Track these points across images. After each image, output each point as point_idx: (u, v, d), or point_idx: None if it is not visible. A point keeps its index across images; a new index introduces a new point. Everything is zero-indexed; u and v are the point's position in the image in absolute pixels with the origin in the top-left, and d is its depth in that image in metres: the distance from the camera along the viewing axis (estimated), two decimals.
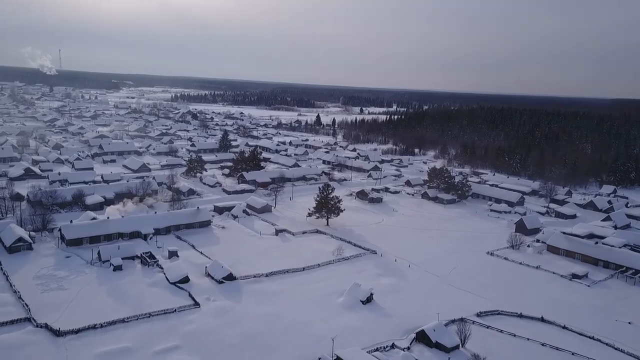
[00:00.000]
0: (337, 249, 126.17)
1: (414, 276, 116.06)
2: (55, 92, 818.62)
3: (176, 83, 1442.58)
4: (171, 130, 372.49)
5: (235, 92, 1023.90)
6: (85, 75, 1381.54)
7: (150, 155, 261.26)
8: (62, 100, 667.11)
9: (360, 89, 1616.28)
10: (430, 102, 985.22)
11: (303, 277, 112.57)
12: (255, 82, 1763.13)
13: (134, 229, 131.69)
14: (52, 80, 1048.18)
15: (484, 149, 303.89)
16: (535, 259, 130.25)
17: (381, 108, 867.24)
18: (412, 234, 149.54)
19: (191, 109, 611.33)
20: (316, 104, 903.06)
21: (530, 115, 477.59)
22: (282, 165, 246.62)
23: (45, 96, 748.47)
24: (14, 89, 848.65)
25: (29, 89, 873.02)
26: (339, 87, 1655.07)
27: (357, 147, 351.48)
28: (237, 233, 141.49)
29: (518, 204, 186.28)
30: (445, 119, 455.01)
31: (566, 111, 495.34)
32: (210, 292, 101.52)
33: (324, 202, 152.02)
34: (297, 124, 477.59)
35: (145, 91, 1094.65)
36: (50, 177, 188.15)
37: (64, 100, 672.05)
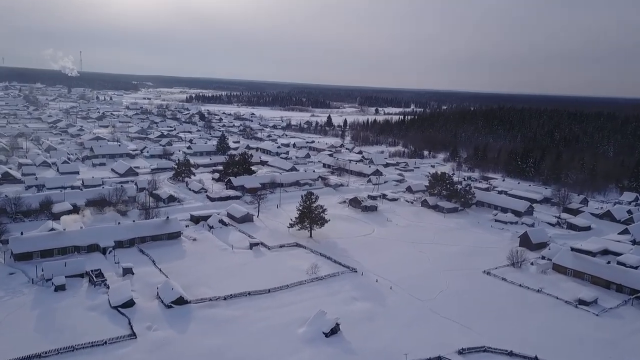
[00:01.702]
0: (312, 267, 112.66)
1: (393, 300, 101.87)
2: (72, 94, 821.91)
3: (195, 84, 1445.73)
4: (174, 131, 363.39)
5: (252, 93, 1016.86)
6: (106, 76, 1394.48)
7: (143, 158, 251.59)
8: (76, 101, 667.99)
9: (379, 89, 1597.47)
10: (449, 102, 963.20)
11: (266, 301, 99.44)
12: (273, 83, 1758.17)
13: (92, 241, 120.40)
14: (73, 81, 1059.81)
15: (497, 152, 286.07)
16: (537, 280, 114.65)
17: (398, 108, 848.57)
18: (403, 248, 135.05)
19: (203, 109, 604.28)
20: (332, 104, 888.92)
21: (550, 116, 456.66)
22: (279, 169, 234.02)
23: (62, 97, 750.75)
24: (33, 90, 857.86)
25: (47, 91, 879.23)
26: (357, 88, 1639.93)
27: (364, 149, 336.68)
28: (208, 246, 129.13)
29: (526, 213, 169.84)
30: (460, 119, 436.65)
31: (589, 111, 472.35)
32: (155, 319, 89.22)
33: (307, 212, 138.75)
34: (307, 125, 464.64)
35: (162, 92, 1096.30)
36: (26, 181, 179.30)
37: (78, 101, 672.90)
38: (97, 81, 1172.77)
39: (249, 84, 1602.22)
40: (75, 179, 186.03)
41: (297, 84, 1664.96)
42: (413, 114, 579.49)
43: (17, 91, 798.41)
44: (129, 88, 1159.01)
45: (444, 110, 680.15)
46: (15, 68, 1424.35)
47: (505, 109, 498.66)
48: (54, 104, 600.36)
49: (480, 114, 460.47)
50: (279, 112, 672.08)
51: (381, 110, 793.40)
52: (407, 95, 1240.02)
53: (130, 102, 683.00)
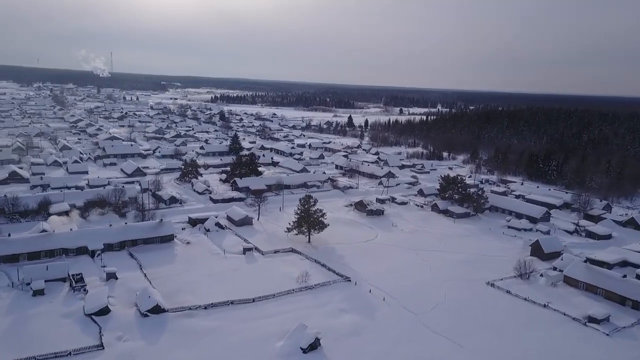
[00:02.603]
0: (302, 275, 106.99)
1: (384, 313, 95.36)
2: (101, 94, 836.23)
3: (222, 85, 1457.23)
4: (191, 131, 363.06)
5: (277, 93, 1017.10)
6: (135, 77, 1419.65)
7: (155, 158, 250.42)
8: (103, 101, 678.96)
9: (406, 89, 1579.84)
10: (478, 102, 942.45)
11: (249, 311, 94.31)
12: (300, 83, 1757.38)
13: (81, 244, 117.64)
14: (103, 82, 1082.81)
15: (519, 154, 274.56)
16: (545, 294, 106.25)
17: (424, 109, 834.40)
18: (404, 255, 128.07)
19: (226, 110, 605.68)
20: (356, 104, 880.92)
21: (580, 117, 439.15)
22: (290, 170, 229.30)
23: (90, 97, 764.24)
24: (63, 90, 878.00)
25: (78, 91, 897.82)
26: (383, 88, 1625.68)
27: (383, 150, 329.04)
28: (201, 250, 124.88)
29: (542, 219, 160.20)
30: (483, 120, 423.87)
31: (623, 112, 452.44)
32: (128, 328, 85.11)
33: (305, 216, 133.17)
34: (327, 126, 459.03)
35: (189, 92, 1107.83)
36: (31, 181, 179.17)
37: (105, 101, 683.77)
38: (127, 82, 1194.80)
39: (276, 84, 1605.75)
40: (81, 179, 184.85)
41: (324, 84, 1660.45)
42: (437, 115, 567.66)
43: (49, 91, 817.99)
44: (157, 88, 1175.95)
45: (469, 110, 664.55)
46: (50, 69, 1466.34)
47: (533, 109, 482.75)
48: (81, 104, 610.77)
49: (506, 115, 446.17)
50: (302, 113, 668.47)
51: (406, 110, 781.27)
52: (435, 95, 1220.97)
53: (155, 102, 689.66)
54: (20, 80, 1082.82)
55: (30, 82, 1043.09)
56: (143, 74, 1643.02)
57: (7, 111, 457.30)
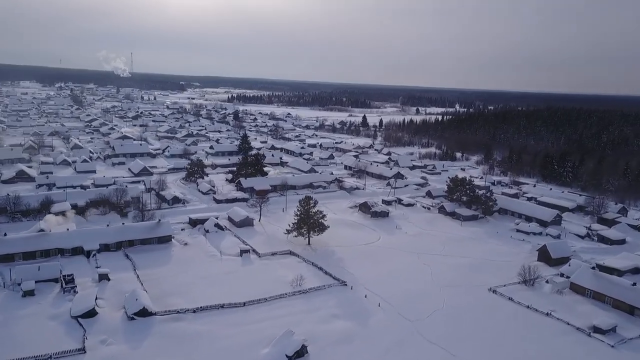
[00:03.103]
0: (297, 279, 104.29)
1: (378, 320, 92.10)
2: (120, 94, 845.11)
3: (240, 84, 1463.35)
4: (203, 131, 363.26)
5: (294, 93, 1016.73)
6: (155, 77, 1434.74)
7: (164, 157, 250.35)
8: (121, 101, 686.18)
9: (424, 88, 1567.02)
10: (497, 102, 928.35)
11: (239, 315, 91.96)
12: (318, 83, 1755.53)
13: (77, 244, 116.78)
14: (123, 82, 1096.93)
15: (534, 155, 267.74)
16: (550, 301, 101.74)
17: (441, 108, 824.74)
18: (406, 259, 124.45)
19: (241, 109, 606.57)
20: (372, 104, 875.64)
21: (601, 117, 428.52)
22: (298, 170, 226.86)
23: (109, 97, 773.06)
24: (84, 90, 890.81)
25: (98, 91, 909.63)
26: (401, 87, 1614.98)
27: (396, 150, 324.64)
28: (197, 252, 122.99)
29: (553, 223, 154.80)
30: (500, 120, 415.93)
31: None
32: (113, 332, 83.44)
33: (305, 218, 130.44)
34: (341, 126, 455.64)
35: (207, 92, 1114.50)
36: (37, 180, 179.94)
37: (123, 101, 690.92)
38: (146, 82, 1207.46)
39: (294, 84, 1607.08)
40: (87, 178, 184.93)
41: (342, 84, 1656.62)
42: (454, 114, 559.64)
43: (69, 91, 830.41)
44: (175, 88, 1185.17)
45: (488, 110, 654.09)
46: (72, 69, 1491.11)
47: (552, 109, 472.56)
48: (99, 104, 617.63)
49: (523, 114, 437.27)
50: (317, 112, 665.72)
51: (423, 110, 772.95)
52: (453, 95, 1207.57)
53: (171, 102, 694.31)
54: (42, 81, 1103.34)
55: (53, 82, 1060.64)
56: (163, 74, 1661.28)
57: (26, 110, 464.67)
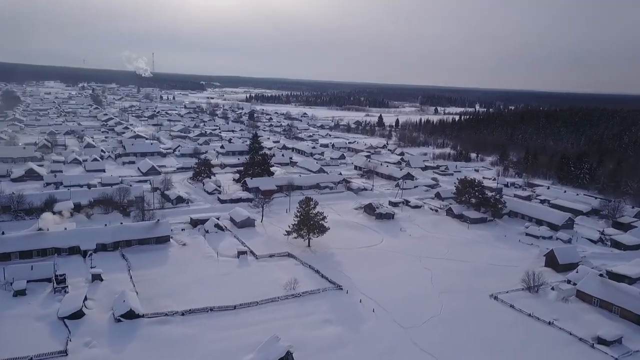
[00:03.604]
0: (291, 282, 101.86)
1: (371, 326, 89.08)
2: (140, 93, 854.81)
3: (260, 84, 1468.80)
4: (217, 130, 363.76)
5: (312, 93, 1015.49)
6: (176, 77, 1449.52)
7: (174, 157, 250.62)
8: (140, 100, 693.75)
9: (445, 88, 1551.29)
10: (518, 102, 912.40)
11: (228, 319, 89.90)
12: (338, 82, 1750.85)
13: (73, 244, 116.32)
14: (144, 82, 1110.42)
15: (550, 156, 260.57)
16: (554, 309, 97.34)
17: (461, 108, 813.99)
18: (407, 262, 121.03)
19: (258, 109, 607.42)
20: (391, 104, 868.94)
21: (624, 117, 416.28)
22: (307, 170, 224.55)
23: (129, 97, 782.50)
24: (105, 90, 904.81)
25: (119, 90, 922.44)
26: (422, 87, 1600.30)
27: (410, 150, 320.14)
28: (195, 253, 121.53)
29: (565, 227, 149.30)
30: (518, 120, 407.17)
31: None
32: (99, 334, 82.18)
33: (304, 219, 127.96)
34: (356, 125, 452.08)
35: (227, 92, 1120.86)
36: (45, 178, 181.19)
37: (142, 100, 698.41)
38: (167, 81, 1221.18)
39: (313, 84, 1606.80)
40: (94, 177, 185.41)
41: (361, 84, 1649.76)
42: (473, 114, 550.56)
43: (91, 91, 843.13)
44: (195, 88, 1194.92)
45: (508, 110, 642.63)
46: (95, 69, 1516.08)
47: (574, 109, 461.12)
48: (119, 103, 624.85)
49: (543, 114, 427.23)
50: (334, 112, 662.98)
51: (442, 110, 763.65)
52: (474, 94, 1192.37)
53: (189, 101, 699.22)
54: (66, 81, 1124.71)
55: (76, 82, 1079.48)
56: (184, 74, 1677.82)
57: (46, 110, 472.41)
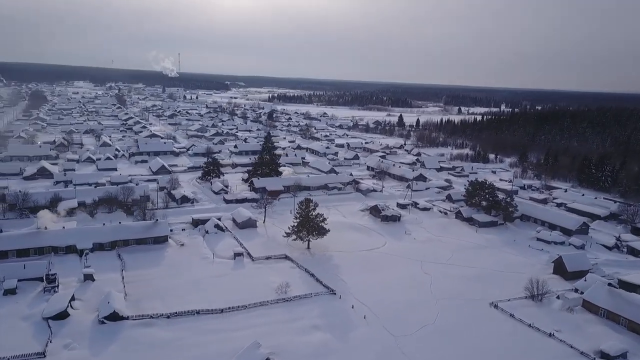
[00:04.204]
0: (282, 286, 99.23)
1: (361, 333, 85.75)
2: (165, 93, 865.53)
3: (285, 84, 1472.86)
4: (234, 130, 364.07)
5: (335, 92, 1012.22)
6: (202, 77, 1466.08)
7: (187, 156, 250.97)
8: (164, 100, 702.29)
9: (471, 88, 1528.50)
10: (547, 102, 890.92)
11: (214, 322, 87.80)
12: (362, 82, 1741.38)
13: (70, 243, 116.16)
14: (170, 82, 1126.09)
15: (572, 158, 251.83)
16: (557, 320, 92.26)
17: (486, 108, 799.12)
18: (407, 267, 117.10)
19: (279, 108, 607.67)
20: (414, 103, 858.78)
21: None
22: (318, 171, 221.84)
23: (154, 96, 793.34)
24: (131, 89, 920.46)
25: (145, 90, 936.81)
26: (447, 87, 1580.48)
27: (428, 151, 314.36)
28: (191, 254, 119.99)
29: (578, 232, 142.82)
30: (542, 120, 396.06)
31: None
32: (80, 336, 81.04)
33: (304, 221, 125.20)
34: (375, 125, 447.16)
35: (250, 92, 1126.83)
36: (55, 177, 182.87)
37: (166, 99, 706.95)
38: (193, 81, 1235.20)
39: (338, 83, 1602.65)
40: (103, 176, 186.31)
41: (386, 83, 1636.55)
42: (498, 115, 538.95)
43: (117, 90, 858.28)
44: (220, 88, 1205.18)
45: (535, 110, 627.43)
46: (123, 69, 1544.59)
47: (602, 110, 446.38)
48: (143, 103, 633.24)
49: (568, 115, 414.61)
50: (355, 112, 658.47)
51: (465, 110, 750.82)
52: (501, 94, 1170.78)
53: (211, 101, 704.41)
54: (95, 81, 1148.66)
55: (104, 82, 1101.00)
56: (210, 74, 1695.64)
57: (70, 109, 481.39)
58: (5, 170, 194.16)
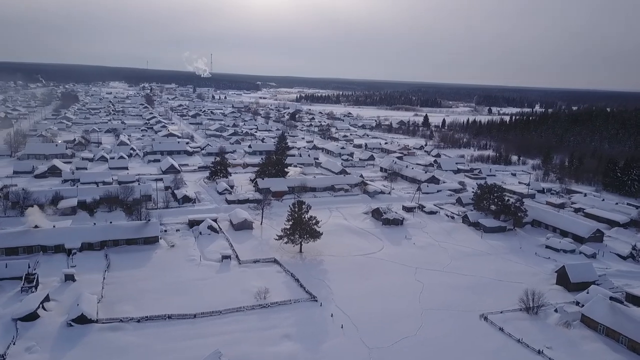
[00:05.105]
0: (261, 292, 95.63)
1: (334, 344, 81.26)
2: (195, 93, 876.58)
3: (315, 84, 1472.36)
4: (253, 129, 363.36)
5: (363, 92, 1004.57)
6: (234, 77, 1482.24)
7: (201, 156, 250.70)
8: (193, 99, 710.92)
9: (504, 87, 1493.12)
10: (584, 102, 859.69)
11: (185, 328, 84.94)
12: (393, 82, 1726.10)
13: (59, 242, 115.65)
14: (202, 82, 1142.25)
15: (598, 160, 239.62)
16: (551, 335, 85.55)
17: (519, 108, 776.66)
18: (400, 274, 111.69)
19: (305, 108, 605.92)
20: (444, 103, 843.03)
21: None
22: (329, 171, 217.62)
23: (183, 96, 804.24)
24: (163, 89, 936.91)
25: (176, 90, 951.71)
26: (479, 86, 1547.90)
27: (447, 152, 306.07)
28: (179, 255, 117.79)
29: (592, 239, 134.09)
30: (572, 121, 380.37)
31: None
32: (45, 338, 79.48)
33: (296, 224, 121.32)
34: (399, 125, 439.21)
35: (280, 92, 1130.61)
36: (63, 175, 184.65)
37: (195, 99, 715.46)
38: (224, 81, 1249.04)
39: (369, 83, 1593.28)
40: (103, 176, 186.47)
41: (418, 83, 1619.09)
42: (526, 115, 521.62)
43: (149, 90, 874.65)
44: (251, 88, 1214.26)
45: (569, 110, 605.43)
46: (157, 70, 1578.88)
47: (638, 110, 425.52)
48: (171, 102, 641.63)
49: (600, 115, 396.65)
50: (382, 112, 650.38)
51: (497, 110, 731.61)
52: (535, 94, 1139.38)
53: (238, 101, 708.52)
54: (130, 81, 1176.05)
55: (138, 82, 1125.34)
56: (241, 74, 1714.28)
57: (99, 109, 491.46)
58: (18, 168, 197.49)
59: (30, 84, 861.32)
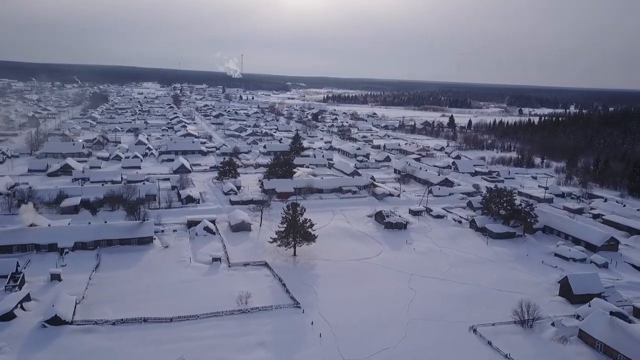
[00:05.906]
0: (243, 296, 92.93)
1: (308, 354, 77.82)
2: (224, 93, 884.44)
3: (345, 84, 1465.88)
4: (272, 129, 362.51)
5: (392, 92, 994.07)
6: (264, 77, 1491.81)
7: (215, 156, 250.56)
8: (220, 100, 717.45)
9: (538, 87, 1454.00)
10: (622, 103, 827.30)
11: (159, 332, 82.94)
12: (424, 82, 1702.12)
13: (52, 241, 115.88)
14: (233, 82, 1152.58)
15: (625, 163, 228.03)
16: (544, 352, 79.87)
17: (552, 109, 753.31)
18: (394, 280, 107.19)
19: (330, 109, 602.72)
20: (474, 104, 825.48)
21: None
22: (341, 173, 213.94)
23: (212, 96, 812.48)
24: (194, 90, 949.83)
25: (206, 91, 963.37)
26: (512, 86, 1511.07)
27: (468, 153, 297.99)
28: (171, 256, 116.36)
29: (605, 247, 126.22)
30: (603, 122, 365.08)
31: None
32: (17, 339, 78.84)
33: (290, 226, 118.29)
34: (423, 126, 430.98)
35: (309, 92, 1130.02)
36: (74, 174, 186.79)
37: (222, 100, 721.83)
38: (254, 82, 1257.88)
39: (399, 83, 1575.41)
40: (112, 175, 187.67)
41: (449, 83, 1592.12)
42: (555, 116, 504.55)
43: (179, 91, 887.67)
44: (280, 88, 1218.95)
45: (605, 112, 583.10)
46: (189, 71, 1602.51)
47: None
48: (198, 103, 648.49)
49: (634, 116, 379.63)
50: (409, 112, 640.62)
51: (528, 111, 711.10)
52: (570, 94, 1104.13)
53: (263, 101, 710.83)
54: (162, 82, 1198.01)
55: (170, 83, 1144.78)
56: (272, 75, 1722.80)
57: (126, 109, 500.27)
58: (33, 166, 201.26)
59: (67, 84, 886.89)
